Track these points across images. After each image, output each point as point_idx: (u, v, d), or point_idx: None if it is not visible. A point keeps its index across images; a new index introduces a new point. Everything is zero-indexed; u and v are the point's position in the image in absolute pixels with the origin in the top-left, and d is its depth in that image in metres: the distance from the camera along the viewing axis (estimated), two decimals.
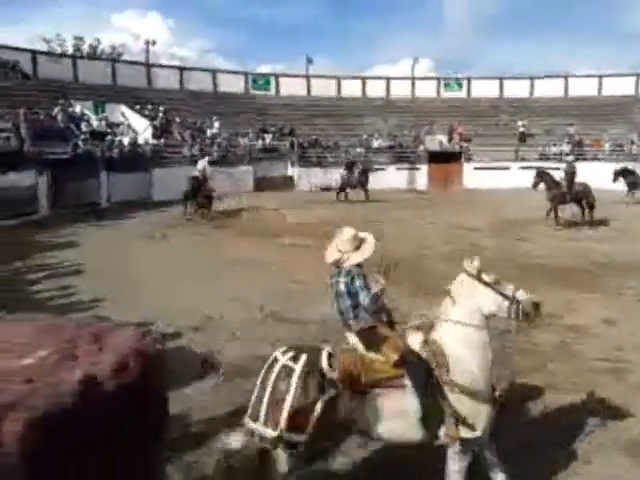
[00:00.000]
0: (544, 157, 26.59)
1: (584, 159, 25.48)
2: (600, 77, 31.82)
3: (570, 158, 16.37)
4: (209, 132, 24.31)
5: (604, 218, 14.12)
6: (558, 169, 24.35)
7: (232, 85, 30.76)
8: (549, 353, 5.53)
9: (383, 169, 25.28)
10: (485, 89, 32.76)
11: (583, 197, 14.13)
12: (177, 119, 24.62)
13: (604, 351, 5.58)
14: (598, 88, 31.38)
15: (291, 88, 32.06)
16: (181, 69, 30.40)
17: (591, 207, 14.14)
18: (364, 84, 33.27)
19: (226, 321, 6.58)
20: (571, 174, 14.23)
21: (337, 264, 3.44)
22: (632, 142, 26.17)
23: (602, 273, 8.94)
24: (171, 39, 65.14)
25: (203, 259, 10.09)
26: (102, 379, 1.32)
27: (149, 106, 24.66)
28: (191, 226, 14.00)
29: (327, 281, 3.60)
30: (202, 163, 16.75)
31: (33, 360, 1.33)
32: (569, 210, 14.18)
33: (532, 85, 32.47)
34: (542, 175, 14.66)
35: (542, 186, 14.65)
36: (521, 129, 28.18)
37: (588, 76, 32.61)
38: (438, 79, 34.39)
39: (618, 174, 18.74)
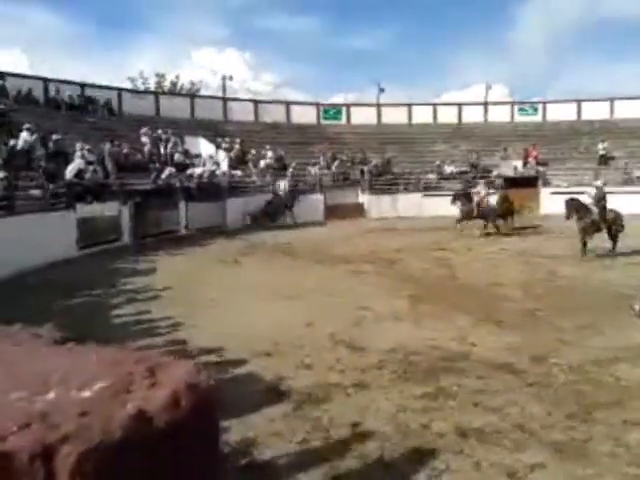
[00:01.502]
0: (629, 181, 25.36)
1: None
2: None
3: (599, 182, 14.83)
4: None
5: None
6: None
7: (305, 116, 31.46)
8: (632, 388, 5.22)
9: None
10: (562, 112, 31.73)
11: (613, 225, 13.04)
12: (252, 150, 25.32)
13: None
14: None
15: (362, 117, 32.38)
16: (255, 102, 31.43)
17: (616, 236, 13.05)
18: (435, 110, 33.10)
19: (296, 347, 6.62)
20: (602, 200, 13.17)
21: None
22: None
23: None
24: (247, 73, 67.41)
25: (274, 285, 10.25)
26: (153, 414, 1.37)
27: (226, 138, 25.64)
28: (263, 253, 14.30)
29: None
30: (284, 183, 17.77)
31: (90, 393, 1.41)
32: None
33: (612, 106, 31.20)
34: (573, 203, 13.39)
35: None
36: (602, 152, 27.01)
37: None
38: (512, 104, 33.72)
39: None
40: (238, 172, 23.45)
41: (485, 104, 33.75)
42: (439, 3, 76.75)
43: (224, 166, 22.74)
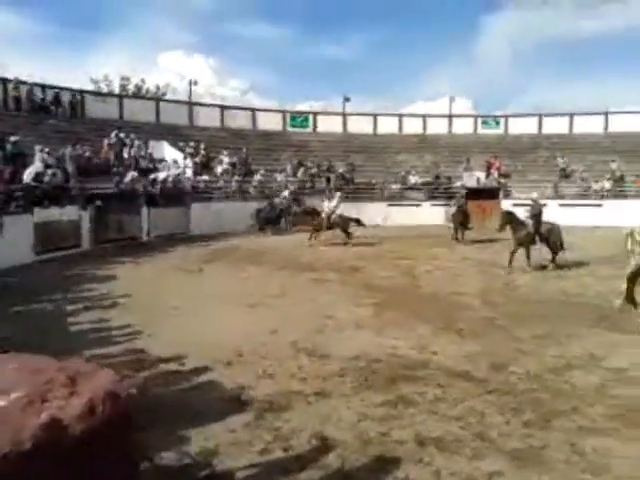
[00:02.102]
0: (584, 194, 26.15)
1: (625, 196, 25.01)
2: None
3: (535, 195, 14.64)
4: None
5: None
6: (600, 205, 24.48)
7: (270, 123, 31.46)
8: (587, 396, 5.34)
9: (419, 205, 25.35)
10: (523, 126, 32.60)
11: (549, 238, 13.06)
12: (218, 156, 25.13)
13: None
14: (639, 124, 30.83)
15: (328, 125, 32.58)
16: (221, 107, 31.26)
17: (555, 250, 13.04)
18: (400, 121, 33.53)
19: (258, 356, 6.57)
20: (537, 213, 13.18)
21: None
22: None
23: None
24: (213, 79, 67.08)
25: (238, 293, 10.16)
26: (68, 423, 1.33)
27: (191, 143, 25.41)
28: (227, 260, 14.18)
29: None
30: (286, 192, 21.46)
31: (5, 402, 1.36)
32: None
33: (571, 121, 32.15)
34: (507, 216, 13.42)
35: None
36: (562, 166, 27.76)
37: (628, 112, 32.10)
38: (475, 117, 34.44)
39: None
40: (205, 177, 23.26)
41: (449, 116, 34.35)
42: (407, 15, 77.95)
43: (188, 171, 22.50)
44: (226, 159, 24.84)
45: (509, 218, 13.24)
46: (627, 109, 33.25)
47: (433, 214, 24.57)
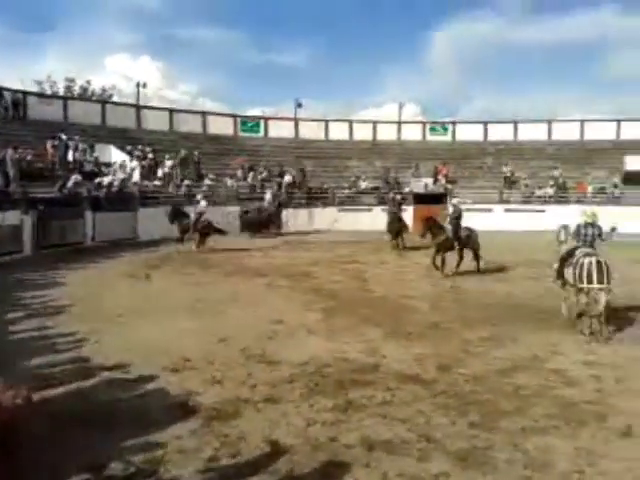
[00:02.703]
0: (528, 200, 27.02)
1: (567, 202, 25.96)
2: (582, 122, 32.63)
3: (455, 200, 14.67)
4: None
5: None
6: (543, 211, 25.32)
7: (221, 128, 31.19)
8: (530, 397, 5.50)
9: (370, 210, 25.59)
10: (470, 133, 33.48)
11: (468, 243, 13.04)
12: (169, 161, 24.63)
13: (587, 394, 5.55)
14: (580, 133, 32.15)
15: (280, 130, 32.56)
16: (170, 111, 30.77)
17: (475, 255, 13.14)
18: (351, 127, 33.85)
19: (207, 363, 6.48)
20: (456, 218, 13.10)
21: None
22: (615, 185, 26.66)
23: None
24: (162, 82, 65.96)
25: (186, 299, 10.00)
26: None
27: (139, 147, 24.89)
28: (176, 266, 13.94)
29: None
30: (269, 194, 22.43)
31: None
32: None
33: (516, 129, 33.20)
34: (428, 222, 13.27)
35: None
36: (507, 174, 28.59)
37: (570, 121, 33.43)
38: (423, 123, 35.12)
39: None
40: (157, 182, 22.82)
41: (399, 123, 34.91)
42: (359, 22, 78.84)
43: (136, 175, 22.02)
44: (169, 162, 24.37)
45: (429, 224, 13.22)
46: (570, 118, 34.67)
47: (383, 219, 24.86)
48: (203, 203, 17.82)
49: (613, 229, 8.75)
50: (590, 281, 7.61)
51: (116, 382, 5.80)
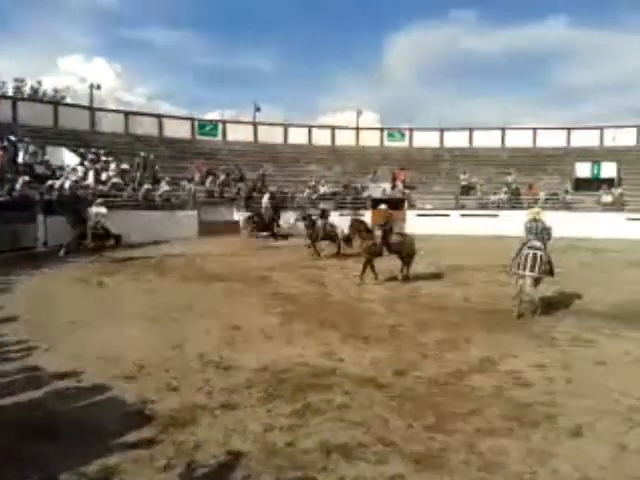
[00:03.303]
0: (483, 205, 27.62)
1: (521, 208, 26.65)
2: (534, 130, 33.66)
3: (383, 207, 14.17)
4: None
5: None
6: (497, 216, 25.96)
7: (178, 131, 30.83)
8: (484, 398, 5.59)
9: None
10: (427, 139, 34.12)
11: (400, 248, 12.52)
12: (123, 165, 24.07)
13: (539, 396, 5.68)
14: (533, 140, 33.16)
15: (239, 134, 32.41)
16: (126, 113, 30.21)
17: (408, 261, 12.65)
18: (310, 132, 33.98)
19: (162, 370, 6.36)
20: (385, 224, 12.58)
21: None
22: (566, 191, 27.52)
23: (537, 317, 9.19)
24: (117, 84, 64.81)
25: (141, 305, 9.80)
26: None
27: (93, 150, 24.30)
28: (130, 271, 13.65)
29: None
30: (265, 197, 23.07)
31: None
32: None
33: (471, 135, 33.97)
34: (357, 224, 12.94)
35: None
36: (463, 183, 29.12)
37: (523, 128, 34.42)
38: (381, 129, 35.55)
39: None
40: (105, 186, 22.24)
41: (357, 129, 35.23)
42: (318, 29, 79.30)
43: (90, 179, 21.49)
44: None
45: (358, 227, 12.80)
46: (522, 125, 35.73)
47: (342, 222, 24.99)
48: (100, 208, 16.81)
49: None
50: (524, 268, 9.04)
51: (68, 391, 5.63)
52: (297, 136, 33.49)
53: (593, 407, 5.34)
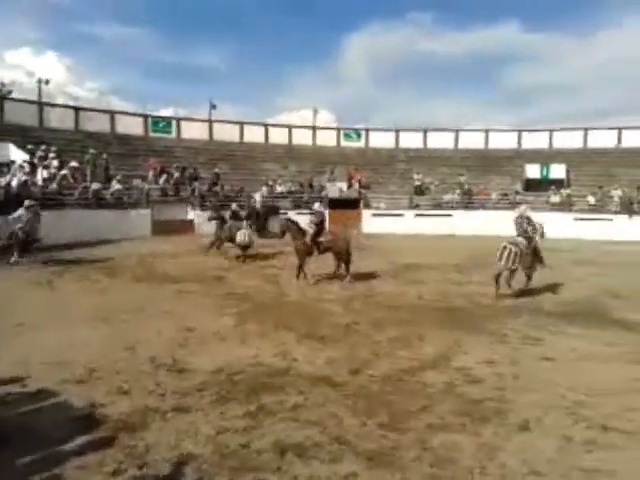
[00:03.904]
0: (437, 205, 28.07)
1: (473, 207, 27.24)
2: (487, 132, 34.43)
3: (316, 206, 14.05)
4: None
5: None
6: (451, 215, 26.45)
7: (131, 127, 30.16)
8: (436, 395, 5.69)
9: (285, 214, 25.64)
10: (382, 140, 34.46)
11: (334, 249, 12.54)
12: (72, 162, 23.30)
13: (489, 392, 5.81)
14: (485, 142, 33.93)
15: (193, 132, 31.96)
16: (76, 109, 29.36)
17: (345, 261, 12.56)
18: (267, 131, 33.83)
19: (113, 373, 6.22)
20: (319, 224, 12.53)
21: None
22: (517, 192, 28.24)
23: (488, 315, 9.40)
24: (68, 79, 62.99)
25: (91, 307, 9.55)
26: None
27: (42, 146, 23.49)
28: (80, 272, 13.28)
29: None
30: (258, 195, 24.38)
31: None
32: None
33: (425, 136, 34.50)
34: (288, 224, 12.78)
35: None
36: (417, 183, 29.53)
37: (475, 130, 35.16)
38: (338, 129, 35.71)
39: None
40: (72, 181, 21.56)
41: (313, 128, 35.28)
42: (275, 27, 79.00)
43: (38, 177, 20.79)
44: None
45: (287, 226, 12.70)
46: (474, 127, 36.52)
47: (300, 222, 25.03)
48: (22, 212, 15.15)
49: (542, 234, 11.23)
50: (499, 260, 10.67)
51: (13, 397, 5.45)
52: (253, 134, 33.25)
53: (541, 402, 5.51)
